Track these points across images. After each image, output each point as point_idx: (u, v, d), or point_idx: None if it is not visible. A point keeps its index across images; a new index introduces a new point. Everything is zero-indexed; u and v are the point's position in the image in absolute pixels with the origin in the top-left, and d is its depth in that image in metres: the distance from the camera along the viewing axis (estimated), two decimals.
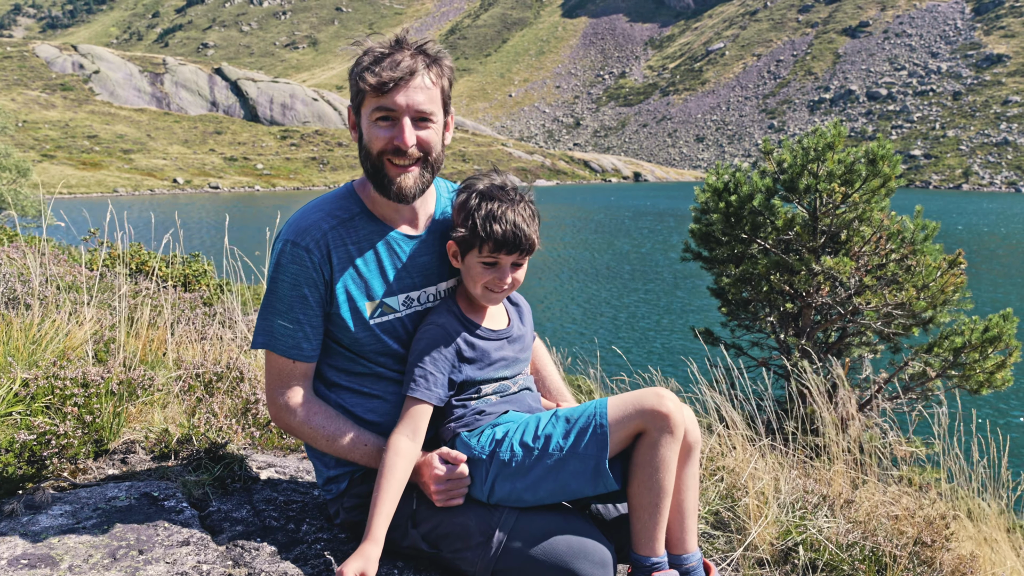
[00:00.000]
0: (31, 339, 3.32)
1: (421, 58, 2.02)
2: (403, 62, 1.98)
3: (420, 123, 2.03)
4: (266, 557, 2.06)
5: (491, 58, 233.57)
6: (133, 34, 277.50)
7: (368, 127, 2.03)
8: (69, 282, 4.66)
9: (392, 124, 2.01)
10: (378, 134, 2.02)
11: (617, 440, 1.95)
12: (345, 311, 2.10)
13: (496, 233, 2.04)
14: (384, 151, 2.02)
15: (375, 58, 1.99)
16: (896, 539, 2.60)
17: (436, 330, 2.11)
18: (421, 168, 2.07)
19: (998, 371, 8.65)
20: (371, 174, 2.07)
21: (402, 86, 1.98)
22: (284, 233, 2.10)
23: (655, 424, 1.92)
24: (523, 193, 2.15)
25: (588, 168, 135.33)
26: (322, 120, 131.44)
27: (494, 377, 2.15)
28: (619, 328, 23.05)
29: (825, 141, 9.19)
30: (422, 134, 2.03)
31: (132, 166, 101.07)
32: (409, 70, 1.98)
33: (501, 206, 2.06)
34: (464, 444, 2.07)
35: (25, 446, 2.36)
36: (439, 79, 2.06)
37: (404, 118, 2.00)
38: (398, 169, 2.04)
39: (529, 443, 2.00)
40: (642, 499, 1.96)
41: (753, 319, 10.29)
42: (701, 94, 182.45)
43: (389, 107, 1.99)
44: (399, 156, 2.02)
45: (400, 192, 2.06)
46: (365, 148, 2.06)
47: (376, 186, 2.08)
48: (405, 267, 2.17)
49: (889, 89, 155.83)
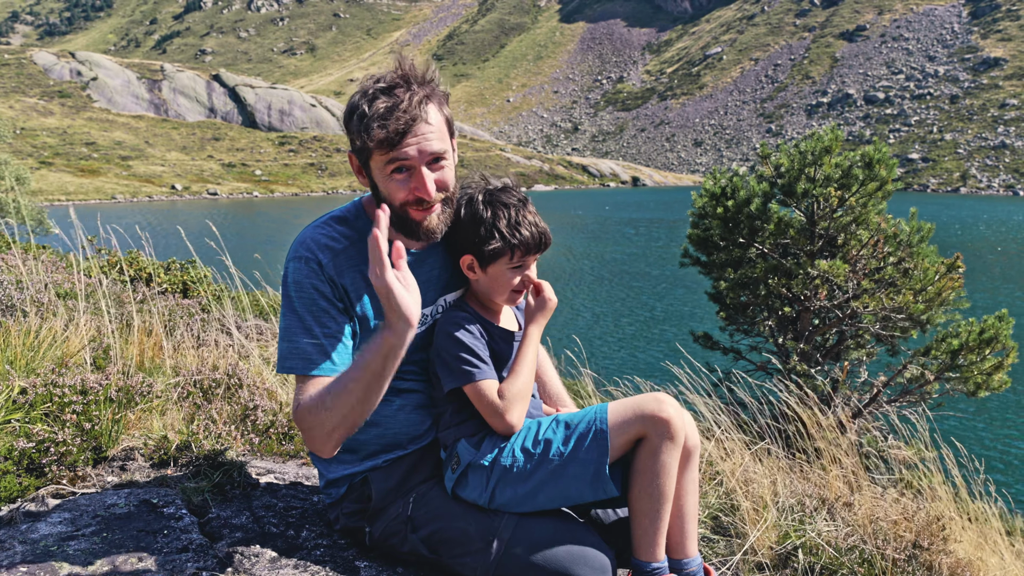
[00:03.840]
0: (29, 346, 3.32)
1: (420, 95, 1.94)
2: (405, 108, 1.90)
3: (434, 164, 1.97)
4: (266, 563, 2.06)
5: (489, 63, 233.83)
6: (131, 41, 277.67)
7: (383, 180, 1.98)
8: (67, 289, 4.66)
9: (409, 174, 1.96)
10: (397, 187, 1.96)
11: (617, 445, 1.95)
12: (358, 330, 2.08)
13: (527, 238, 2.06)
14: (407, 203, 1.98)
15: (378, 113, 1.89)
16: (894, 542, 2.60)
17: (465, 324, 2.10)
18: (443, 205, 2.03)
19: (995, 372, 8.66)
20: (395, 222, 2.01)
21: (411, 135, 1.91)
22: (294, 251, 2.05)
23: (655, 430, 1.92)
24: (520, 189, 2.17)
25: (586, 173, 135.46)
26: (320, 126, 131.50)
27: (500, 378, 2.15)
28: (617, 332, 23.05)
29: (822, 145, 9.21)
30: (439, 176, 1.98)
31: (130, 173, 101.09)
32: (413, 117, 1.90)
33: (519, 210, 2.08)
34: (465, 450, 2.07)
35: (24, 453, 2.36)
36: (440, 109, 2.00)
37: (421, 167, 1.94)
38: (423, 213, 2.00)
39: (530, 448, 2.00)
40: (642, 504, 1.96)
41: (751, 323, 10.30)
42: (699, 98, 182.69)
43: (403, 158, 1.93)
44: (421, 204, 1.98)
45: (428, 231, 2.03)
46: (385, 198, 2.00)
47: (401, 230, 2.04)
48: (418, 284, 2.15)
49: (886, 93, 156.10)
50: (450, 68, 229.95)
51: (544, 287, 2.17)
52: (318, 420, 1.91)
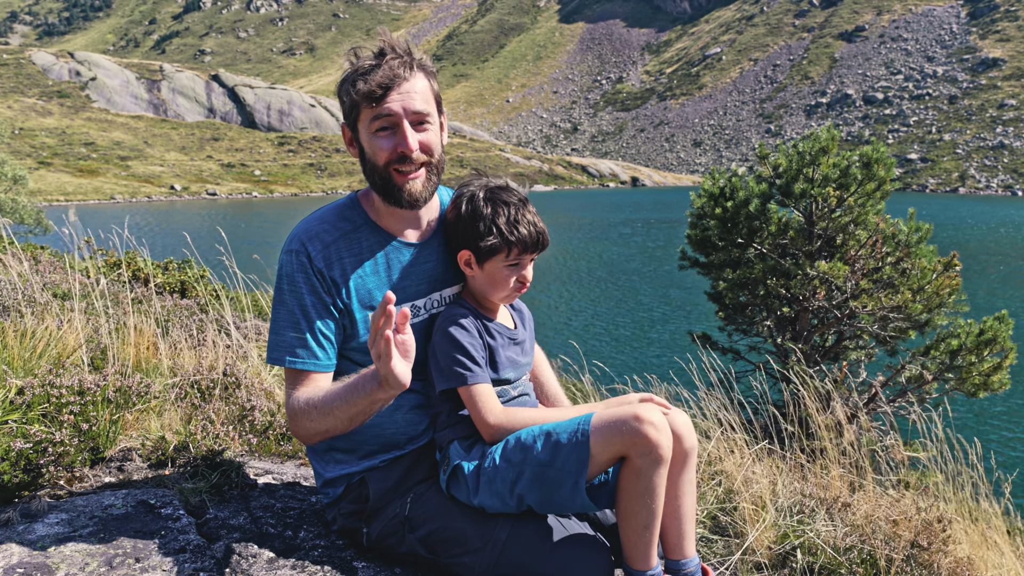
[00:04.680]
0: (26, 347, 3.31)
1: (405, 61, 2.01)
2: (389, 65, 1.98)
3: (419, 126, 2.03)
4: (263, 564, 2.06)
5: (488, 64, 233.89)
6: (130, 41, 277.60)
7: (368, 140, 2.03)
8: (65, 289, 4.65)
9: (392, 132, 2.01)
10: (381, 145, 2.01)
11: (600, 462, 1.90)
12: (351, 322, 2.10)
13: (524, 236, 2.08)
14: (390, 161, 2.02)
15: (362, 70, 1.99)
16: (893, 542, 2.60)
17: (463, 322, 2.10)
18: (427, 172, 2.07)
19: (994, 373, 8.66)
20: (380, 187, 2.06)
21: (394, 90, 1.98)
22: (288, 244, 2.09)
23: (636, 451, 1.86)
24: (521, 190, 2.18)
25: (586, 173, 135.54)
26: (319, 126, 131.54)
27: (498, 379, 2.14)
28: (615, 332, 23.05)
29: (819, 145, 9.22)
30: (423, 137, 2.03)
31: (129, 173, 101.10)
32: (396, 74, 1.98)
33: (519, 209, 2.10)
34: (456, 452, 2.07)
35: (21, 454, 2.35)
36: (427, 78, 2.06)
37: (403, 123, 1.99)
38: (405, 176, 2.03)
39: (511, 458, 1.98)
40: (629, 521, 1.93)
41: (750, 323, 10.30)
42: (698, 99, 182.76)
43: (386, 114, 1.98)
44: (405, 163, 2.02)
45: (411, 197, 2.06)
46: (370, 162, 2.05)
47: (386, 197, 2.07)
48: (410, 275, 2.16)
49: (885, 93, 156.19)
50: (449, 68, 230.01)
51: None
52: (302, 425, 2.02)
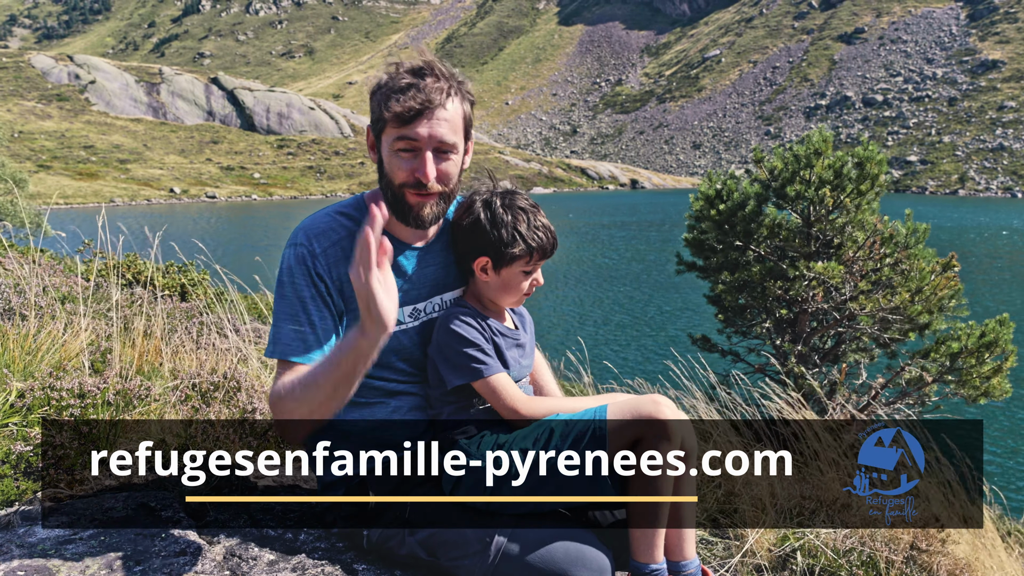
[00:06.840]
0: (27, 350, 3.31)
1: (444, 85, 1.98)
2: (427, 92, 1.94)
3: (441, 155, 2.01)
4: (263, 566, 2.06)
5: (488, 66, 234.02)
6: (129, 44, 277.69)
7: (389, 156, 2.01)
8: (65, 293, 4.65)
9: (413, 156, 1.99)
10: (400, 165, 2.00)
11: (615, 447, 1.95)
12: (351, 320, 2.09)
13: (544, 242, 2.11)
14: (405, 184, 2.01)
15: (400, 87, 1.95)
16: (892, 544, 2.61)
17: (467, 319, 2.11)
18: (439, 198, 2.06)
19: (994, 376, 8.66)
20: (391, 202, 2.06)
21: (425, 116, 1.95)
22: (292, 238, 2.09)
23: (652, 432, 1.93)
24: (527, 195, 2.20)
25: (585, 175, 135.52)
26: (319, 129, 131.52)
27: None
28: (614, 334, 23.05)
29: (813, 148, 9.24)
30: (442, 167, 2.01)
31: (129, 176, 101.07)
32: (431, 100, 1.95)
33: (535, 215, 2.13)
34: (464, 450, 2.07)
35: (21, 457, 2.36)
36: (462, 105, 2.04)
37: (427, 151, 1.98)
38: (418, 199, 2.03)
39: (528, 448, 2.00)
40: (640, 506, 1.96)
41: (749, 325, 10.31)
42: (697, 101, 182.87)
43: (411, 137, 1.96)
44: (420, 188, 2.01)
45: (418, 221, 2.06)
46: (387, 177, 2.04)
47: (394, 213, 2.07)
48: (413, 279, 2.16)
49: (885, 95, 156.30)
50: None
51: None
52: (287, 408, 1.96)
